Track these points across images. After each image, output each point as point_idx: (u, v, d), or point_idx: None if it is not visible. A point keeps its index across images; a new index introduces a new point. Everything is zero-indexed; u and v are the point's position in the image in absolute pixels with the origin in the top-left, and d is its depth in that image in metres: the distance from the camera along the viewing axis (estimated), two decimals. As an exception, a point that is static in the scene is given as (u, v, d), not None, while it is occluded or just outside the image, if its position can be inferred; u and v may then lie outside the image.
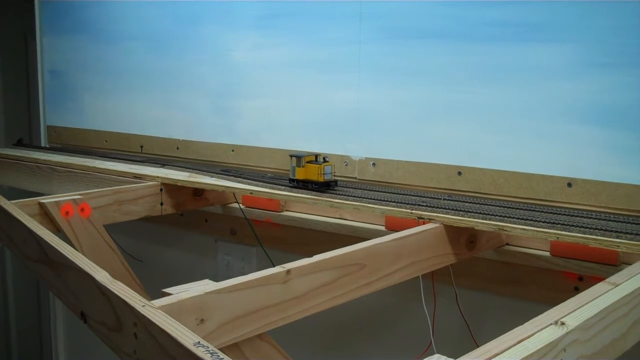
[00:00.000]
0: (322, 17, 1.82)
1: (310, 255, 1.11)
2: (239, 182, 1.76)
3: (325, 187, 1.57)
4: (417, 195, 1.53)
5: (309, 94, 1.88)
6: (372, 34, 1.72)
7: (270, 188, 1.66)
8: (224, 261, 2.18)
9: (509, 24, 1.49)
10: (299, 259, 1.10)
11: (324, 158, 1.59)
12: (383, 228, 1.69)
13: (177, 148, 2.25)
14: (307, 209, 1.87)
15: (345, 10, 1.76)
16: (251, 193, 1.68)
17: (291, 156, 1.62)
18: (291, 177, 1.62)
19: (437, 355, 0.73)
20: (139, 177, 1.88)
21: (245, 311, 1.00)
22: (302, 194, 1.57)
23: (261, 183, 1.71)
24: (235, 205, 1.98)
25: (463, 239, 1.38)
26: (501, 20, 1.50)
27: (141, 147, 2.37)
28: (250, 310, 1.00)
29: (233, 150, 2.07)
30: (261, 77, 1.99)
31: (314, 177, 1.57)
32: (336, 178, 1.61)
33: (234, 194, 1.95)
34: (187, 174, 1.90)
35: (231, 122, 2.08)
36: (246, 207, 1.96)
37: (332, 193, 1.54)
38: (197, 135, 2.19)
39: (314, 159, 1.60)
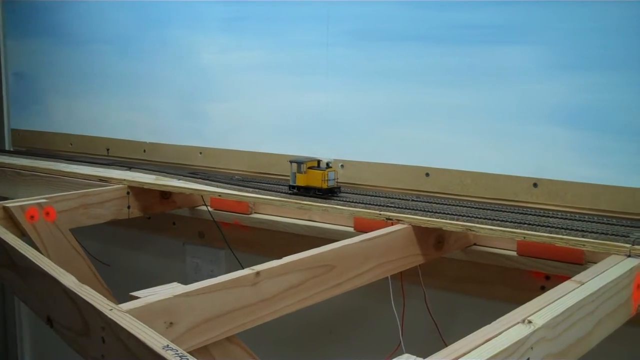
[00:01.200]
0: (290, 20, 1.82)
1: (280, 257, 1.11)
2: (207, 184, 1.75)
3: (329, 193, 1.51)
4: (386, 197, 1.54)
5: (277, 97, 1.88)
6: (340, 36, 1.73)
7: (238, 190, 1.65)
8: (193, 264, 2.17)
9: (476, 26, 1.50)
10: (268, 261, 1.09)
11: (327, 163, 1.54)
12: (352, 229, 1.69)
13: (144, 151, 2.23)
14: (276, 211, 1.86)
15: (313, 13, 1.76)
16: (219, 195, 1.67)
17: (291, 162, 1.56)
18: (291, 183, 1.55)
19: (406, 355, 0.73)
20: (105, 180, 1.86)
21: (215, 314, 0.99)
22: (305, 200, 1.51)
23: (229, 185, 1.71)
24: (204, 207, 1.97)
25: (431, 239, 1.39)
26: (467, 22, 1.51)
27: (107, 150, 2.35)
28: (220, 313, 1.00)
29: (201, 153, 2.06)
30: (229, 79, 1.99)
31: (317, 183, 1.51)
32: (339, 184, 1.56)
33: (202, 196, 1.94)
34: (154, 176, 1.89)
35: (199, 124, 2.07)
36: (214, 209, 1.95)
37: (338, 199, 1.49)
38: (164, 138, 2.18)
39: (316, 164, 1.54)
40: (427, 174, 1.60)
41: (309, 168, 1.53)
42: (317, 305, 1.16)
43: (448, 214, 1.34)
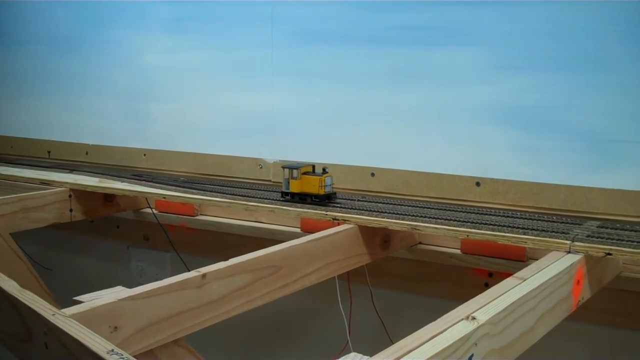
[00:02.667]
0: (234, 21, 1.81)
1: (226, 259, 1.11)
2: (151, 186, 1.73)
3: (326, 199, 1.44)
4: (332, 197, 1.54)
5: (222, 98, 1.87)
6: (285, 37, 1.73)
7: (183, 192, 1.64)
8: (138, 268, 2.14)
9: (418, 27, 1.52)
10: (214, 263, 1.09)
11: (323, 169, 1.46)
12: (299, 230, 1.70)
13: (87, 153, 2.19)
14: (222, 212, 1.85)
15: (257, 14, 1.76)
16: (164, 198, 1.65)
17: (284, 167, 1.48)
18: (284, 190, 1.48)
19: (352, 354, 0.74)
20: (46, 183, 1.82)
21: (160, 317, 0.98)
22: (296, 207, 1.45)
23: (175, 187, 1.69)
24: (148, 210, 1.95)
25: (377, 239, 1.40)
26: (410, 24, 1.53)
27: (49, 152, 2.30)
28: (166, 316, 0.99)
29: (145, 155, 2.04)
30: (173, 80, 1.97)
31: (314, 189, 1.43)
32: (335, 190, 1.49)
33: (146, 198, 1.92)
34: (97, 179, 1.86)
35: (143, 126, 2.05)
36: (159, 212, 1.93)
37: (335, 206, 1.43)
38: (107, 140, 2.14)
39: (310, 169, 1.47)
40: (373, 174, 1.62)
41: (304, 174, 1.46)
42: (265, 306, 1.16)
43: (393, 213, 1.35)
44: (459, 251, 1.50)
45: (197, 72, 1.91)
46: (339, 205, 1.43)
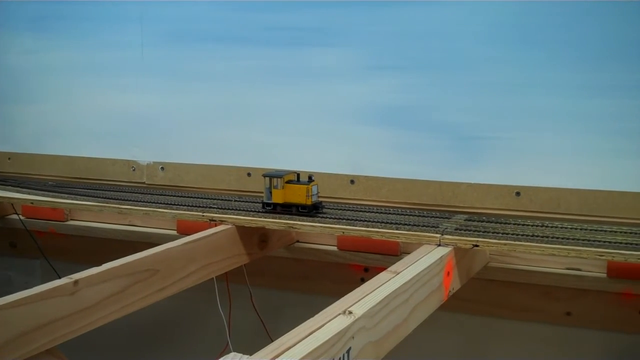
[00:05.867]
0: (102, 20, 1.76)
1: (100, 264, 1.08)
2: (18, 191, 1.66)
3: (314, 210, 1.33)
4: (209, 198, 1.54)
5: (92, 99, 1.81)
6: (155, 37, 1.70)
7: (52, 197, 1.58)
8: (5, 277, 2.05)
9: (291, 28, 1.54)
10: (87, 269, 1.06)
11: (309, 177, 1.35)
12: (175, 232, 1.67)
13: (-54, 158, 2.07)
14: (94, 217, 1.80)
15: (126, 14, 1.72)
16: (32, 203, 1.59)
17: (265, 176, 1.36)
18: (266, 200, 1.36)
19: (232, 354, 0.74)
20: None
21: (32, 326, 0.94)
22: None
23: (43, 192, 1.63)
24: (15, 216, 1.86)
25: (255, 238, 1.41)
26: (284, 24, 1.54)
27: None
28: (37, 325, 0.95)
29: (9, 159, 1.95)
30: (40, 81, 1.89)
31: (300, 200, 1.32)
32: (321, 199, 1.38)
33: (12, 204, 1.83)
34: (-42, 185, 1.76)
35: (7, 128, 1.95)
36: (27, 218, 1.85)
37: (323, 217, 1.32)
38: (-33, 144, 2.03)
39: (294, 178, 1.36)
40: (249, 174, 1.62)
41: (288, 182, 1.35)
42: (142, 310, 1.14)
43: (270, 212, 1.36)
44: (335, 248, 1.53)
45: (66, 73, 1.84)
46: (327, 215, 1.34)
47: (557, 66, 1.32)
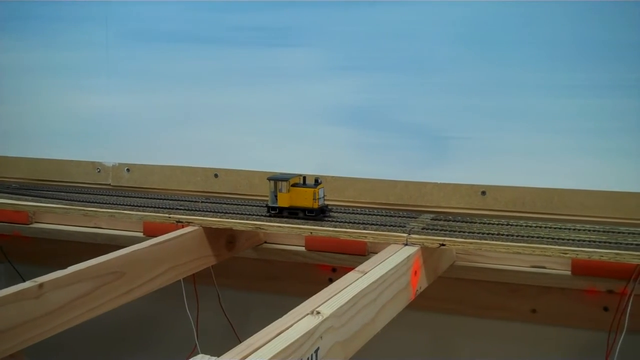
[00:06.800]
0: (65, 20, 1.74)
1: (65, 267, 1.07)
2: (-21, 194, 1.63)
3: (321, 214, 1.31)
4: (175, 199, 1.53)
5: (56, 100, 1.79)
6: (120, 38, 1.68)
7: (16, 199, 1.56)
8: (-33, 281, 2.01)
9: (257, 28, 1.54)
10: (52, 272, 1.05)
11: (315, 179, 1.32)
12: (141, 234, 1.66)
13: None
14: (59, 219, 1.78)
15: (90, 13, 1.70)
16: (-6, 206, 1.57)
17: (270, 179, 1.33)
18: (271, 204, 1.33)
19: (200, 356, 0.73)
20: None
21: (-5, 331, 0.93)
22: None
23: (6, 194, 1.60)
24: (-23, 220, 1.84)
25: (222, 239, 1.40)
26: (249, 24, 1.54)
27: None
28: (1, 330, 0.94)
29: (-28, 161, 1.92)
30: (3, 81, 1.86)
31: (307, 203, 1.30)
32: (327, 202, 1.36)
33: (-26, 208, 1.80)
34: None
35: (-32, 130, 1.92)
36: (-11, 221, 1.82)
37: (331, 220, 1.30)
38: None
39: (300, 181, 1.33)
40: (216, 175, 1.61)
41: (293, 185, 1.32)
42: (109, 313, 1.13)
43: (238, 213, 1.35)
44: (303, 248, 1.53)
45: (30, 73, 1.82)
46: (333, 219, 1.32)
47: (522, 66, 1.34)
